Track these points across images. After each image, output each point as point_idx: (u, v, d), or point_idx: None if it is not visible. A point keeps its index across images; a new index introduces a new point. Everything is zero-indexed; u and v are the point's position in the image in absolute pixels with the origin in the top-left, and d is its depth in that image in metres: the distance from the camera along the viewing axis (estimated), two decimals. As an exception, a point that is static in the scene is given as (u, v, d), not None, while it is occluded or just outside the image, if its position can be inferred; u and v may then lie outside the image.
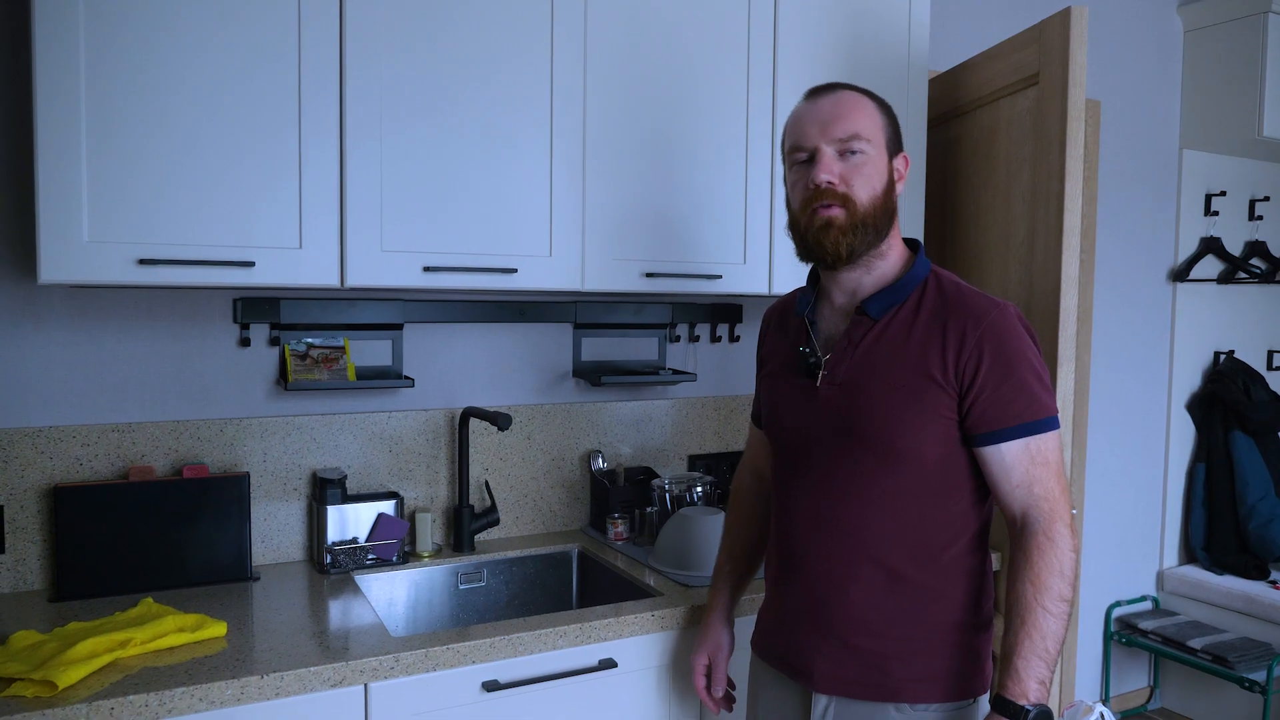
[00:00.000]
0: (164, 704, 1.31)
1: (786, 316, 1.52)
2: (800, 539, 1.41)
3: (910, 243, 1.42)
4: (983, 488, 1.34)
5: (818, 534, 1.38)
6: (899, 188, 1.38)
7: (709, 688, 1.60)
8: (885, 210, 1.34)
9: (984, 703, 1.37)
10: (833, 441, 1.36)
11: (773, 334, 1.55)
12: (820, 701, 1.38)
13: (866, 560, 1.34)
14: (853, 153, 1.32)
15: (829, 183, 1.31)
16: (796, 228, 1.37)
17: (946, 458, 1.31)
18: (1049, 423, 1.29)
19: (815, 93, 1.38)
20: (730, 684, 1.63)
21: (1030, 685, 1.23)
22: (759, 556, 1.65)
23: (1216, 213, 3.51)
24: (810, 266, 1.44)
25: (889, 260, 1.37)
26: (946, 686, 1.34)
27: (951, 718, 1.34)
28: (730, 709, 1.63)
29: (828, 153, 1.32)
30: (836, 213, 1.31)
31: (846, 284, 1.39)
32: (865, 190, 1.31)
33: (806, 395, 1.40)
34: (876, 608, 1.34)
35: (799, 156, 1.36)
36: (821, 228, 1.32)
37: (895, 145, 1.38)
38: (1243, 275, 3.53)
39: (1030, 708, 1.23)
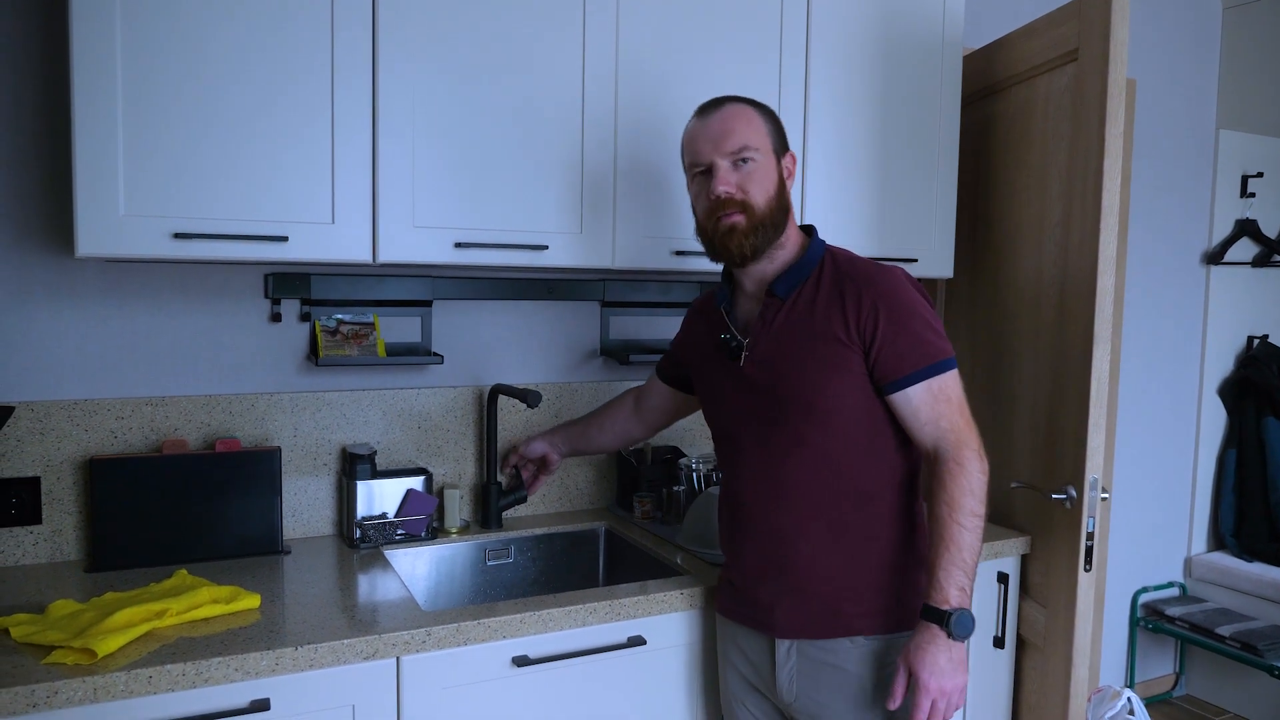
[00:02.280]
0: (200, 674, 1.33)
1: (707, 310, 1.65)
2: (749, 505, 1.54)
3: (806, 229, 1.56)
4: (904, 433, 1.47)
5: (763, 497, 1.51)
6: (789, 184, 1.52)
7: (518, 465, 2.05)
8: (780, 207, 1.49)
9: None
10: (764, 412, 1.50)
11: (697, 327, 1.68)
12: (783, 644, 1.51)
13: (810, 514, 1.47)
14: (744, 161, 1.46)
15: (728, 193, 1.46)
16: (704, 233, 1.52)
17: (865, 409, 1.45)
18: (946, 364, 1.43)
19: (705, 110, 1.52)
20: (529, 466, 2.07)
21: (950, 592, 1.37)
22: (595, 439, 2.01)
23: (1253, 194, 3.44)
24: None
25: (788, 249, 1.52)
26: (893, 618, 1.48)
27: (899, 645, 1.47)
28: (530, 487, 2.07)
29: (723, 166, 1.46)
30: (738, 219, 1.46)
31: (754, 274, 1.53)
32: (760, 194, 1.46)
33: (734, 376, 1.54)
34: (825, 556, 1.47)
35: (697, 170, 1.51)
36: (726, 233, 1.47)
37: (781, 146, 1.52)
38: (1278, 259, 3.47)
39: (951, 610, 1.37)
